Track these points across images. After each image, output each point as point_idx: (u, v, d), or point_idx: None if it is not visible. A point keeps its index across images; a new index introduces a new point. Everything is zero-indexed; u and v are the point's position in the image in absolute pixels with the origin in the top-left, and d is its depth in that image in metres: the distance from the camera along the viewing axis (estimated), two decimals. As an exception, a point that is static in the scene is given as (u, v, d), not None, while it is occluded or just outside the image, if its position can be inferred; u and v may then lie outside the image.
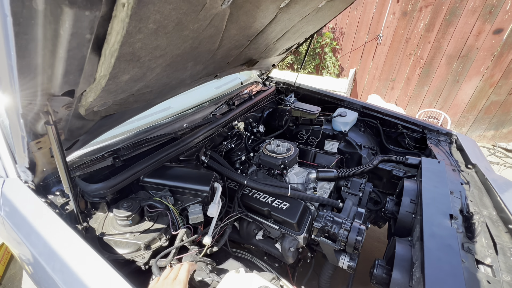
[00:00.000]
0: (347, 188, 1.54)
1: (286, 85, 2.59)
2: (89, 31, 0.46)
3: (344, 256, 1.27)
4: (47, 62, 0.50)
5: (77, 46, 0.48)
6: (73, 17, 0.41)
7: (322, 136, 2.15)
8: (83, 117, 0.85)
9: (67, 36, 0.44)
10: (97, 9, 0.43)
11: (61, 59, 0.49)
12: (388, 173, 1.92)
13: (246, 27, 1.10)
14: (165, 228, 1.05)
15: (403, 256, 1.17)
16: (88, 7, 0.41)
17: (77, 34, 0.45)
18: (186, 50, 0.84)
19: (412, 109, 4.65)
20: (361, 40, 4.60)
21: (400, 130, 2.12)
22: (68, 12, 0.40)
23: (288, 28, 1.55)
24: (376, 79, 4.74)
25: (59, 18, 0.41)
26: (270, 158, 1.49)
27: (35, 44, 0.45)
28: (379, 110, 2.21)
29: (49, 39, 0.45)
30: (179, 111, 1.61)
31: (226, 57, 1.34)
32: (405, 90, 4.58)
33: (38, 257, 0.84)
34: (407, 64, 4.39)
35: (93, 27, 0.46)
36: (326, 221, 1.27)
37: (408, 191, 1.45)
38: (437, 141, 1.92)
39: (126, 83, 0.75)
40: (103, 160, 1.19)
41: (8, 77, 0.45)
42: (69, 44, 0.46)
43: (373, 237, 2.47)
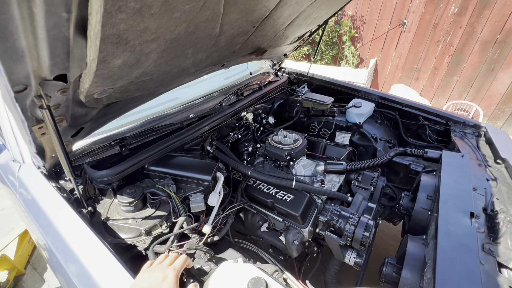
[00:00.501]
0: (358, 182, 1.46)
1: (299, 76, 2.50)
2: (65, 9, 0.45)
3: (350, 252, 1.22)
4: (31, 44, 0.50)
5: (55, 25, 0.47)
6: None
7: (334, 128, 2.06)
8: (84, 104, 0.87)
9: (42, 14, 0.44)
10: (68, -16, 0.42)
11: (42, 40, 0.49)
12: (406, 168, 1.80)
13: (248, 11, 1.05)
14: (166, 215, 1.06)
15: (414, 255, 1.09)
16: (55, -19, 0.40)
17: (51, 12, 0.44)
18: (182, 35, 0.83)
19: (439, 101, 4.33)
20: (383, 27, 4.32)
21: (421, 122, 1.97)
22: (36, -13, 0.39)
23: (297, 13, 1.47)
24: (399, 69, 4.46)
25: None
26: (276, 149, 1.45)
27: (15, 24, 0.45)
28: (398, 101, 2.06)
29: (26, 18, 0.45)
30: (186, 101, 1.62)
31: (231, 45, 1.30)
32: (432, 80, 4.25)
33: (46, 238, 0.89)
34: (434, 52, 4.07)
35: (68, 5, 0.45)
36: (332, 215, 1.21)
37: (425, 187, 1.34)
38: (462, 134, 1.76)
39: (120, 68, 0.74)
40: (111, 148, 1.22)
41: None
42: (46, 23, 0.46)
43: (388, 234, 2.36)
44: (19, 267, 1.93)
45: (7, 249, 1.94)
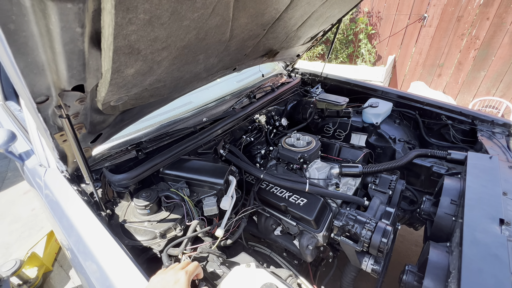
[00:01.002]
0: (375, 185, 1.41)
1: (313, 76, 2.46)
2: (79, 25, 0.47)
3: (367, 258, 1.17)
4: (50, 58, 0.53)
5: (71, 40, 0.50)
6: (57, 11, 0.42)
7: (350, 129, 2.00)
8: (101, 111, 0.91)
9: (58, 30, 0.46)
10: (80, 1, 0.43)
11: (60, 54, 0.52)
12: (427, 170, 1.72)
13: (258, 15, 1.05)
14: (180, 218, 1.08)
15: (437, 263, 1.03)
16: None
17: (66, 28, 0.46)
18: (192, 42, 0.84)
19: (464, 98, 4.08)
20: (402, 23, 4.15)
21: (444, 121, 1.86)
22: (51, 5, 0.41)
23: (309, 14, 1.45)
24: (419, 66, 4.26)
25: (45, 12, 0.42)
26: (288, 151, 1.43)
27: (35, 40, 0.48)
28: (418, 99, 1.97)
29: (44, 35, 0.47)
30: (200, 105, 1.64)
31: (242, 48, 1.31)
32: (456, 76, 4.02)
33: (68, 239, 0.94)
34: (458, 46, 3.84)
35: (81, 21, 0.47)
36: (348, 220, 1.18)
37: (449, 190, 1.27)
38: (490, 134, 1.64)
39: (134, 77, 0.77)
40: (128, 153, 1.27)
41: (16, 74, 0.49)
42: (62, 38, 0.48)
43: (410, 239, 2.25)
44: (47, 264, 2.05)
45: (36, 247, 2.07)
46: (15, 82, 0.52)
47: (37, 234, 2.49)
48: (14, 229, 2.60)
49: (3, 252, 2.33)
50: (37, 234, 2.51)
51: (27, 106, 0.61)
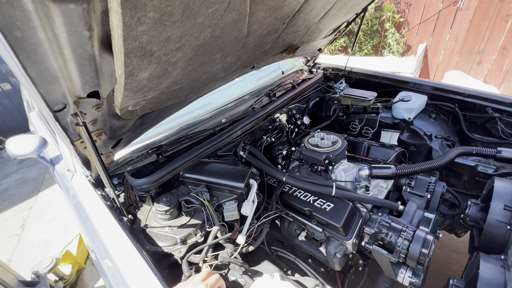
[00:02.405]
0: (410, 187, 1.27)
1: (336, 71, 2.33)
2: (85, 27, 0.44)
3: (404, 270, 1.06)
4: (62, 65, 0.51)
5: (79, 44, 0.47)
6: (60, 13, 0.39)
7: (379, 126, 1.85)
8: (120, 117, 0.90)
9: (64, 35, 0.43)
10: (84, 2, 0.40)
11: (70, 60, 0.50)
12: (472, 170, 1.53)
13: (277, 8, 0.98)
14: (200, 224, 1.05)
15: (491, 281, 0.89)
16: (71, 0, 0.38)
17: (72, 31, 0.43)
18: (207, 40, 0.79)
19: (510, 87, 3.65)
20: (434, 7, 3.80)
21: (490, 114, 1.65)
22: (53, 8, 0.38)
23: (331, 4, 1.35)
24: (455, 53, 3.88)
25: (49, 16, 0.39)
26: (312, 152, 1.35)
27: (44, 47, 0.46)
28: (458, 91, 1.76)
29: (52, 40, 0.45)
30: (218, 106, 1.61)
31: (260, 45, 1.24)
32: (499, 63, 3.60)
33: (92, 243, 0.95)
34: (502, 29, 3.43)
35: (87, 23, 0.44)
36: (381, 227, 1.07)
37: (500, 194, 1.10)
38: (549, 127, 1.42)
39: (149, 80, 0.74)
40: (148, 156, 1.27)
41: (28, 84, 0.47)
42: (69, 43, 0.45)
43: (449, 246, 2.04)
44: (80, 262, 2.17)
45: (70, 246, 2.20)
46: (29, 91, 0.50)
47: (71, 233, 2.65)
48: (52, 227, 2.79)
49: (42, 249, 2.52)
50: (71, 232, 2.67)
51: (45, 115, 0.61)
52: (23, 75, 0.46)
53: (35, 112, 2.36)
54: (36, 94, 0.51)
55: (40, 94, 0.52)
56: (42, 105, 0.56)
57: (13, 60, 0.42)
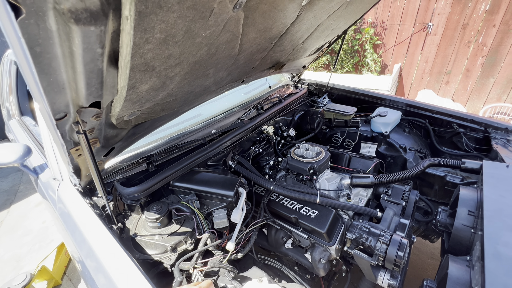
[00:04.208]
0: (388, 195, 1.38)
1: (319, 87, 2.48)
2: (99, 46, 0.50)
3: (383, 273, 1.13)
4: (71, 77, 0.55)
5: (91, 60, 0.52)
6: (81, 34, 0.44)
7: (359, 139, 1.99)
8: (115, 126, 0.93)
9: (80, 51, 0.48)
10: (102, 24, 0.46)
11: (80, 73, 0.54)
12: (441, 180, 1.67)
13: (266, 30, 1.08)
14: (190, 231, 1.07)
15: (458, 279, 0.98)
16: (92, 23, 0.44)
17: (88, 49, 0.48)
18: (203, 57, 0.86)
19: (474, 105, 4.01)
20: (407, 32, 4.18)
21: (456, 129, 1.83)
22: (75, 29, 0.43)
23: (315, 27, 1.48)
24: (426, 74, 4.24)
25: (70, 35, 0.44)
26: (298, 162, 1.43)
27: (58, 61, 0.50)
28: (428, 108, 1.95)
29: (67, 56, 0.49)
30: (208, 117, 1.67)
31: (250, 61, 1.33)
32: (464, 83, 3.98)
33: (80, 253, 0.94)
34: (465, 53, 3.82)
35: (102, 42, 0.49)
36: (361, 232, 1.15)
37: (465, 201, 1.23)
38: (505, 141, 1.60)
39: (147, 92, 0.79)
40: (138, 166, 1.28)
41: (38, 92, 0.51)
42: (83, 59, 0.50)
43: (425, 252, 2.16)
44: (56, 278, 2.05)
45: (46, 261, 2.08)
46: (38, 100, 0.54)
47: (47, 247, 2.51)
48: (25, 242, 2.62)
49: (14, 265, 2.35)
50: (47, 247, 2.53)
51: (46, 123, 0.63)
52: (36, 86, 0.50)
53: (15, 120, 2.28)
54: (44, 103, 0.54)
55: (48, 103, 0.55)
56: (46, 113, 0.60)
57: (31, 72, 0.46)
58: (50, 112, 0.57)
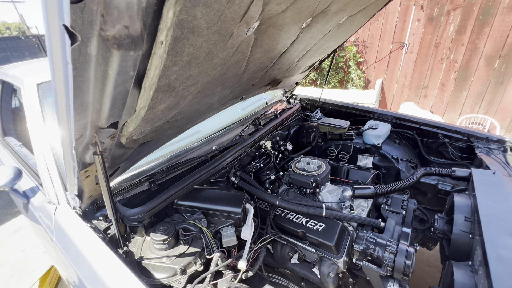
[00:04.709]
0: (388, 205, 1.42)
1: (311, 101, 2.57)
2: (132, 69, 0.51)
3: (392, 283, 1.14)
4: (97, 99, 0.55)
5: (122, 82, 0.52)
6: (120, 58, 0.45)
7: (353, 151, 2.05)
8: (123, 145, 0.92)
9: (114, 75, 0.49)
10: (140, 49, 0.47)
11: (108, 95, 0.54)
12: (433, 188, 1.75)
13: (270, 50, 1.13)
14: (199, 251, 1.04)
15: (464, 284, 1.01)
16: (132, 48, 0.45)
17: (122, 72, 0.49)
18: (215, 77, 0.89)
19: (451, 116, 4.30)
20: (386, 50, 4.48)
21: (442, 139, 1.95)
22: (116, 54, 0.44)
23: (310, 46, 1.57)
24: (406, 88, 4.52)
25: (109, 60, 0.45)
26: (300, 176, 1.45)
27: (88, 84, 0.50)
28: (415, 120, 2.07)
29: (99, 78, 0.50)
30: (208, 134, 1.67)
31: (251, 79, 1.38)
32: (440, 96, 4.28)
33: (84, 280, 0.88)
34: (439, 69, 4.14)
35: (135, 65, 0.50)
36: (368, 243, 1.17)
37: (461, 208, 1.29)
38: (487, 150, 1.73)
39: (162, 111, 0.80)
40: (140, 185, 1.25)
41: (66, 115, 0.50)
42: (115, 81, 0.51)
43: (422, 260, 2.21)
44: (40, 312, 1.87)
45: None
46: (63, 121, 0.53)
47: (27, 278, 2.31)
48: (2, 273, 2.39)
49: (-12, 301, 2.13)
50: (28, 277, 2.32)
51: (64, 145, 0.62)
52: (67, 109, 0.49)
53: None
54: (70, 125, 0.54)
55: (73, 125, 0.55)
56: (68, 135, 0.58)
57: (66, 95, 0.46)
58: (73, 133, 0.56)
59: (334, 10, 1.20)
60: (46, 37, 0.37)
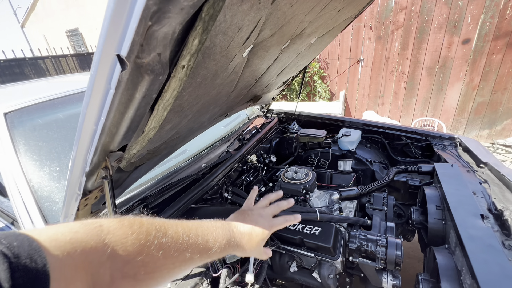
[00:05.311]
0: (371, 204, 1.55)
1: (287, 115, 2.72)
2: (156, 92, 0.54)
3: (386, 275, 1.23)
4: (115, 122, 0.56)
5: (144, 105, 0.55)
6: (149, 81, 0.48)
7: (331, 158, 2.20)
8: (121, 169, 0.90)
9: (140, 98, 0.51)
10: (166, 73, 0.51)
11: (128, 118, 0.56)
12: (404, 184, 1.95)
13: (256, 69, 1.22)
14: (204, 271, 1.03)
15: (446, 265, 1.14)
16: (161, 72, 0.49)
17: (148, 95, 0.52)
18: (213, 96, 0.93)
19: (405, 120, 4.83)
20: (345, 65, 4.96)
21: (404, 141, 2.20)
22: (147, 78, 0.47)
23: (286, 64, 1.71)
24: (365, 97, 5.00)
25: (138, 84, 0.48)
26: (291, 185, 1.52)
27: (111, 108, 0.52)
28: (380, 125, 2.31)
29: (123, 102, 0.52)
30: (195, 153, 1.67)
31: (237, 96, 1.45)
32: (395, 103, 4.81)
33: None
34: (391, 80, 4.69)
35: (158, 88, 0.54)
36: (361, 240, 1.25)
37: (431, 198, 1.47)
38: (442, 146, 2.00)
39: (166, 132, 0.81)
40: (132, 211, 1.20)
41: (89, 141, 0.51)
42: (139, 104, 0.53)
43: (402, 253, 2.38)
44: None
45: None
46: (81, 148, 0.53)
47: None
48: None
49: None
50: None
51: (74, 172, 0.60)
52: (93, 134, 0.50)
53: None
54: (90, 151, 0.54)
55: (92, 151, 0.55)
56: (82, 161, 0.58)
57: (97, 120, 0.47)
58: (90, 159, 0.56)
59: (307, 33, 1.34)
60: (93, 65, 0.39)
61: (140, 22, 0.35)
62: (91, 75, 0.41)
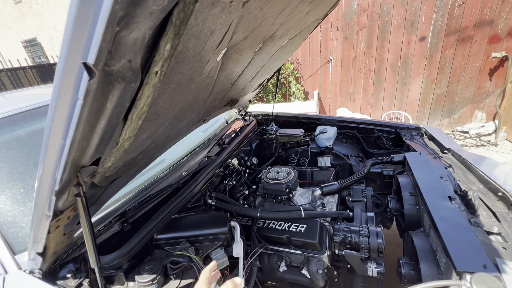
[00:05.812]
0: (351, 197, 1.61)
1: (265, 116, 2.75)
2: (128, 100, 0.51)
3: (371, 264, 1.29)
4: (85, 135, 0.53)
5: (117, 115, 0.52)
6: (121, 91, 0.46)
7: (311, 155, 2.26)
8: (95, 185, 0.84)
9: (111, 107, 0.49)
10: (138, 80, 0.49)
11: (99, 130, 0.53)
12: (380, 175, 2.05)
13: (231, 73, 1.22)
14: (193, 282, 1.00)
15: (423, 247, 1.22)
16: (133, 79, 0.47)
17: (120, 104, 0.49)
18: (189, 101, 0.92)
19: (376, 114, 5.11)
20: (316, 65, 5.14)
21: (376, 134, 2.33)
22: (118, 87, 0.45)
23: (260, 67, 1.73)
24: (338, 95, 5.21)
25: (109, 93, 0.46)
26: (274, 185, 1.53)
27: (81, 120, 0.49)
28: (354, 120, 2.42)
29: (92, 113, 0.49)
30: (174, 161, 1.62)
31: (214, 101, 1.43)
32: (365, 99, 5.07)
33: None
34: (360, 77, 4.94)
35: (131, 96, 0.51)
36: (345, 233, 1.30)
37: (405, 186, 1.56)
38: (410, 137, 2.14)
39: (142, 141, 0.78)
40: (110, 228, 1.13)
41: (57, 157, 0.47)
42: (111, 114, 0.50)
43: (383, 241, 2.50)
44: None
45: None
46: (48, 165, 0.49)
47: None
48: None
49: None
50: None
51: (41, 192, 0.56)
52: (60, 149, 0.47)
53: None
54: (59, 169, 0.50)
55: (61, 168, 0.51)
56: (50, 180, 0.54)
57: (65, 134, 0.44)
58: (58, 178, 0.52)
59: (279, 35, 1.37)
60: (56, 75, 0.36)
61: (107, 27, 0.34)
62: (55, 86, 0.38)
